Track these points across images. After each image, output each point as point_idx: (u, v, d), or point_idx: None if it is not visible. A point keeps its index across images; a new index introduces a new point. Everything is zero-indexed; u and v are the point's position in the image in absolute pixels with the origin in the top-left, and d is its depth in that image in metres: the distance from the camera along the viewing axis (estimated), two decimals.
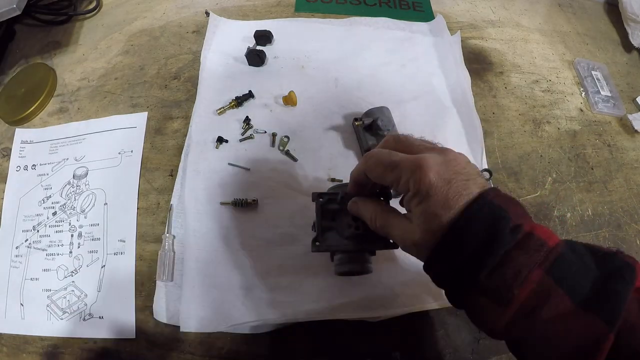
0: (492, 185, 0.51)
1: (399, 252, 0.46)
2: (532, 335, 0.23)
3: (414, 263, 0.46)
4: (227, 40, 0.63)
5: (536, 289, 0.23)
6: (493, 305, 0.24)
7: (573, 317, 0.22)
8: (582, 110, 0.63)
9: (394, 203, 0.36)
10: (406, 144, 0.31)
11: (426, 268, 0.28)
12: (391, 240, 0.35)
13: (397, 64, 0.62)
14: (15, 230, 0.51)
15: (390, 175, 0.28)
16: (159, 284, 0.45)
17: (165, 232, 0.47)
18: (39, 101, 0.59)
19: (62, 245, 0.49)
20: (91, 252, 0.48)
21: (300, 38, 0.64)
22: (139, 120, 0.56)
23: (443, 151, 0.28)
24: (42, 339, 0.45)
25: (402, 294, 0.44)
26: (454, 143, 0.55)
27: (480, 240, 0.24)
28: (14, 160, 0.56)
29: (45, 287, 0.47)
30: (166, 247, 0.46)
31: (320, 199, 0.38)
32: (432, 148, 0.29)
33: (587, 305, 0.22)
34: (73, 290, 0.47)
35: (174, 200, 0.49)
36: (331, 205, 0.38)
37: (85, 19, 0.70)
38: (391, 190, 0.37)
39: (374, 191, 0.36)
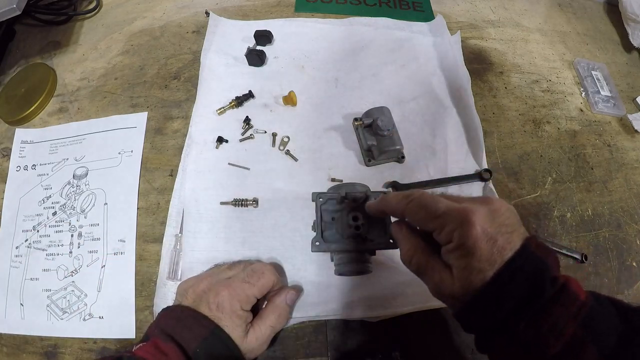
0: (492, 187, 0.51)
1: (399, 252, 0.47)
2: None
3: None
4: (227, 40, 0.63)
5: (569, 342, 0.23)
6: (524, 355, 0.24)
7: None
8: (582, 110, 0.63)
9: None
10: (446, 196, 0.30)
11: (458, 317, 0.28)
12: (393, 240, 0.35)
13: (397, 64, 0.62)
14: (15, 230, 0.51)
15: (433, 223, 0.28)
16: (159, 283, 0.45)
17: (178, 232, 0.47)
18: (39, 101, 0.59)
19: (62, 245, 0.49)
20: (91, 252, 0.48)
21: (300, 38, 0.64)
22: (139, 120, 0.56)
23: (487, 201, 0.28)
24: (42, 339, 0.45)
25: (402, 294, 0.44)
26: (454, 143, 0.55)
27: (522, 293, 0.24)
28: (14, 160, 0.56)
29: (45, 287, 0.47)
30: (177, 247, 0.46)
31: (320, 199, 0.38)
32: (474, 199, 0.29)
33: (613, 359, 0.23)
34: (73, 290, 0.47)
35: (173, 201, 0.50)
36: (331, 205, 0.38)
37: (85, 19, 0.70)
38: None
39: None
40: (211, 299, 0.36)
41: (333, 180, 0.51)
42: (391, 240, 0.36)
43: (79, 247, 0.49)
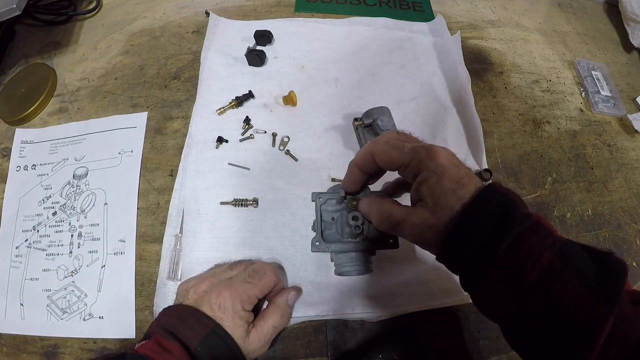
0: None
1: (399, 252, 0.46)
2: (541, 313, 0.24)
3: (414, 263, 0.46)
4: (227, 40, 0.63)
5: (547, 268, 0.24)
6: (506, 281, 0.26)
7: (579, 298, 0.23)
8: (582, 110, 0.63)
9: None
10: (411, 137, 0.33)
11: (444, 250, 0.28)
12: (392, 240, 0.36)
13: (397, 64, 0.62)
14: (15, 230, 0.51)
15: (400, 157, 0.30)
16: (159, 283, 0.45)
17: (178, 232, 0.47)
18: (39, 101, 0.59)
19: (62, 245, 0.49)
20: (91, 252, 0.48)
21: (300, 38, 0.64)
22: (139, 120, 0.56)
23: (444, 147, 0.30)
24: (42, 339, 0.45)
25: (402, 294, 0.44)
26: (454, 143, 0.55)
27: (496, 219, 0.26)
28: (14, 160, 0.56)
29: (45, 287, 0.47)
30: (177, 247, 0.46)
31: (320, 199, 0.38)
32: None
33: (590, 289, 0.24)
34: (73, 290, 0.47)
35: (173, 201, 0.50)
36: (331, 205, 0.38)
37: (85, 19, 0.70)
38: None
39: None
40: (213, 299, 0.36)
41: (333, 180, 0.51)
42: (391, 240, 0.36)
43: (79, 247, 0.49)
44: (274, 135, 0.54)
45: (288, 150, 0.53)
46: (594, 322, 0.23)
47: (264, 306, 0.42)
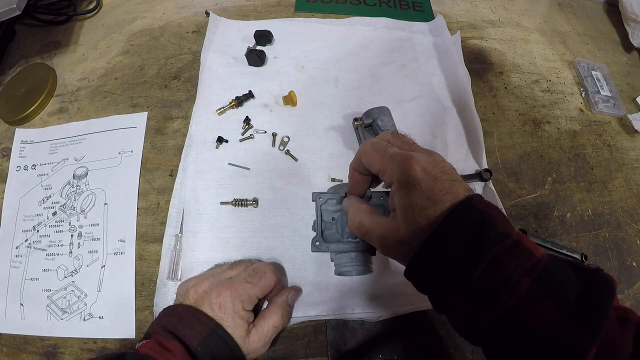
0: (492, 187, 0.51)
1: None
2: (516, 342, 0.23)
3: None
4: (227, 40, 0.63)
5: (525, 296, 0.23)
6: (479, 309, 0.24)
7: (559, 327, 0.22)
8: (582, 110, 0.63)
9: None
10: (402, 141, 0.32)
11: (410, 269, 0.28)
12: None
13: (397, 64, 0.62)
14: (15, 230, 0.51)
15: (380, 162, 0.29)
16: (159, 283, 0.45)
17: (178, 232, 0.47)
18: (39, 101, 0.59)
19: (62, 245, 0.49)
20: (91, 252, 0.48)
21: (300, 38, 0.64)
22: (139, 120, 0.56)
23: (431, 153, 0.29)
24: (42, 339, 0.45)
25: (402, 294, 0.44)
26: (454, 143, 0.55)
27: (468, 239, 0.24)
28: (14, 160, 0.56)
29: (45, 287, 0.47)
30: (177, 247, 0.46)
31: (321, 199, 0.38)
32: (422, 149, 0.31)
33: (572, 316, 0.22)
34: (73, 290, 0.47)
35: (173, 201, 0.50)
36: (331, 205, 0.38)
37: (85, 19, 0.70)
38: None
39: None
40: (213, 299, 0.36)
41: (333, 180, 0.51)
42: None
43: (79, 247, 0.49)
44: (274, 135, 0.54)
45: (288, 150, 0.53)
46: (576, 352, 0.21)
47: (264, 306, 0.42)
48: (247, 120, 0.54)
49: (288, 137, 0.54)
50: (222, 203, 0.48)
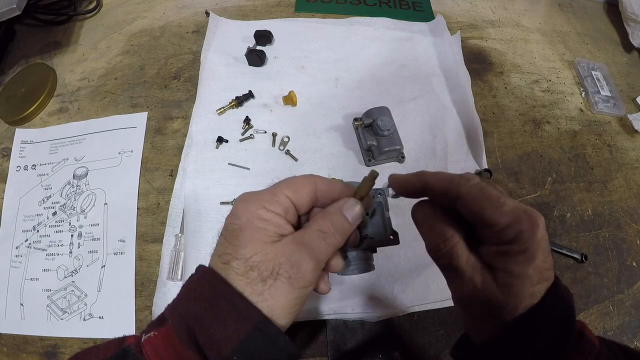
0: None
1: (399, 252, 0.47)
2: None
3: (414, 263, 0.46)
4: (227, 40, 0.63)
5: None
6: None
7: None
8: (582, 110, 0.63)
9: None
10: (498, 189, 0.25)
11: (487, 345, 0.24)
12: (393, 236, 0.32)
13: (397, 64, 0.62)
14: (15, 230, 0.51)
15: (496, 215, 0.23)
16: (159, 283, 0.45)
17: (178, 232, 0.47)
18: (39, 101, 0.59)
19: (62, 245, 0.49)
20: (91, 252, 0.48)
21: (300, 38, 0.64)
22: (139, 120, 0.56)
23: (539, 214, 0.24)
24: (42, 339, 0.45)
25: (402, 294, 0.44)
26: (454, 143, 0.55)
27: (554, 335, 0.22)
28: (14, 160, 0.56)
29: (45, 287, 0.47)
30: (178, 247, 0.46)
31: None
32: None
33: None
34: (73, 290, 0.47)
35: (174, 201, 0.50)
36: None
37: (85, 19, 0.70)
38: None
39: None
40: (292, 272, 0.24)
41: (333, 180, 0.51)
42: (391, 237, 0.36)
43: (79, 247, 0.49)
44: (274, 135, 0.54)
45: (288, 150, 0.53)
46: None
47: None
48: (247, 120, 0.54)
49: (288, 137, 0.54)
50: (222, 203, 0.48)
